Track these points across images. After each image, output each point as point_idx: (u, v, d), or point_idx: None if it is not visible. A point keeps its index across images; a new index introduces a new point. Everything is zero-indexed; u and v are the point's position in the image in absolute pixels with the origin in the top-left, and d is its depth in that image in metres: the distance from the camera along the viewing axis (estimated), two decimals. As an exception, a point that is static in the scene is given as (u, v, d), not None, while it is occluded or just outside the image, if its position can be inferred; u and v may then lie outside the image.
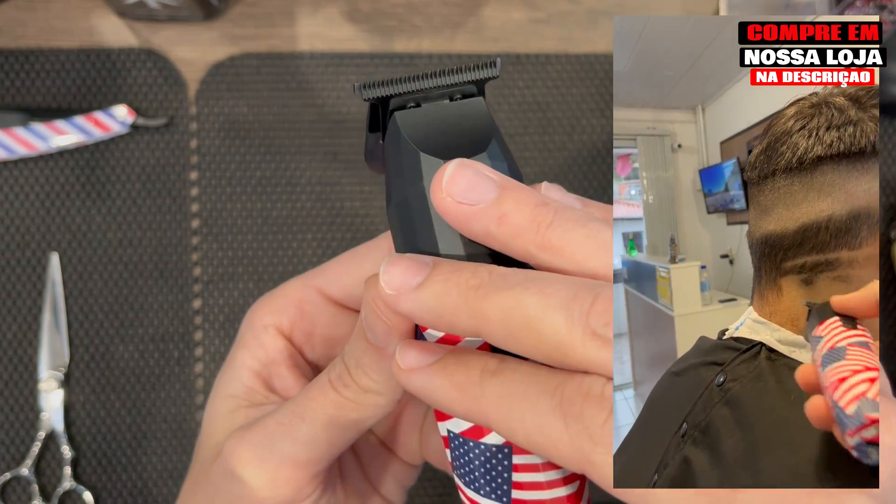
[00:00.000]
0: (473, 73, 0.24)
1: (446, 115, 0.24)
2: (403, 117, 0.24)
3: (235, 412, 0.30)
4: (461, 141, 0.24)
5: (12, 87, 0.52)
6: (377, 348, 0.25)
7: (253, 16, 0.53)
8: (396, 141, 0.24)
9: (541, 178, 0.53)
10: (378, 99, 0.24)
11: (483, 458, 0.24)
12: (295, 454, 0.27)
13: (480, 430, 0.24)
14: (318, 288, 0.31)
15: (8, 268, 0.51)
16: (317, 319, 0.31)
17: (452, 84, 0.24)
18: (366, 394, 0.26)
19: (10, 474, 0.50)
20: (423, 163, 0.23)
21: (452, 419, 0.24)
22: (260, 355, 0.31)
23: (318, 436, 0.27)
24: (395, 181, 0.24)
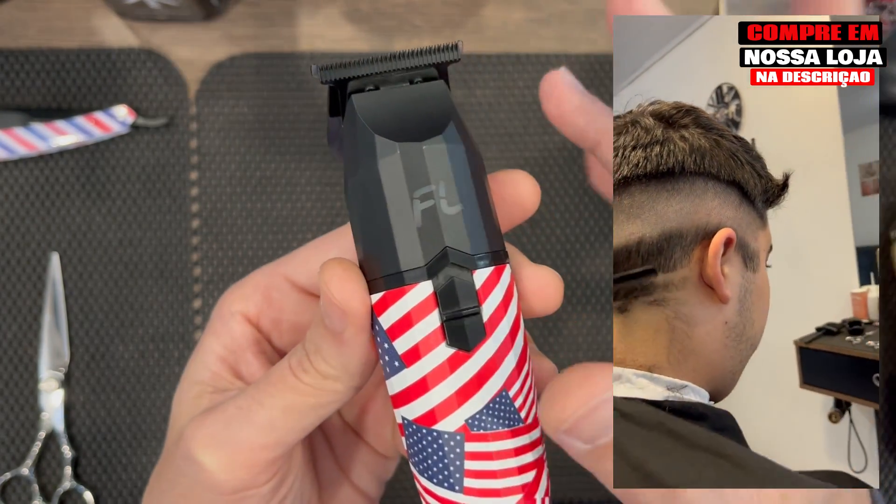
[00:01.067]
0: (433, 56, 0.24)
1: (405, 98, 0.24)
2: (360, 100, 0.24)
3: (200, 398, 0.30)
4: (418, 124, 0.23)
5: (12, 87, 0.52)
6: (334, 334, 0.25)
7: (253, 16, 0.53)
8: (353, 123, 0.24)
9: (541, 178, 0.53)
10: (336, 82, 0.24)
11: (436, 444, 0.24)
12: (252, 439, 0.27)
13: (433, 416, 0.24)
14: (286, 275, 0.31)
15: (8, 268, 0.51)
16: (284, 306, 0.31)
17: (412, 67, 0.24)
18: (324, 380, 0.26)
19: (11, 474, 0.50)
20: (378, 145, 0.23)
21: (407, 405, 0.24)
22: (227, 341, 0.31)
23: (276, 421, 0.27)
24: (351, 164, 0.24)
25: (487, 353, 0.24)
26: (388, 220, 0.23)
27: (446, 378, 0.23)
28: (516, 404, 0.24)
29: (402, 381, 0.24)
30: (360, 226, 0.24)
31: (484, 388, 0.24)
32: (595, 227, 0.53)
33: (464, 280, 0.23)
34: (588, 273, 0.53)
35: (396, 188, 0.23)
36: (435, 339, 0.23)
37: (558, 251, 0.53)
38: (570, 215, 0.53)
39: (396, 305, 0.23)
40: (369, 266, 0.24)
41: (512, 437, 0.24)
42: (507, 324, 0.24)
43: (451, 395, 0.24)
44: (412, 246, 0.23)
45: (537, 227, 0.53)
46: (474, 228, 0.23)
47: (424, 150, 0.23)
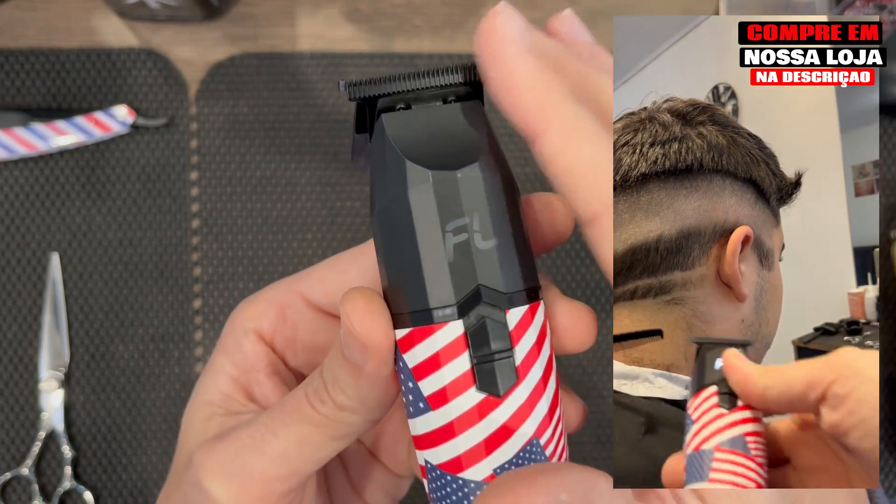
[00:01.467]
0: (469, 74, 0.22)
1: (438, 119, 0.22)
2: (391, 120, 0.22)
3: (210, 420, 0.29)
4: (452, 149, 0.22)
5: (12, 87, 0.52)
6: (354, 366, 0.23)
7: (253, 16, 0.53)
8: (382, 146, 0.22)
9: (541, 178, 0.53)
10: (365, 99, 0.22)
11: (461, 493, 0.23)
12: (265, 470, 0.25)
13: (459, 463, 0.22)
14: (301, 293, 0.30)
15: (8, 268, 0.51)
16: (299, 325, 0.30)
17: (446, 85, 0.22)
18: (341, 412, 0.25)
19: (11, 474, 0.50)
20: (409, 172, 0.21)
21: (431, 449, 0.23)
22: (239, 361, 0.30)
23: (290, 452, 0.25)
24: (379, 189, 0.22)
25: (519, 399, 0.22)
26: (418, 252, 0.21)
27: (475, 425, 0.22)
28: (547, 452, 0.23)
29: (427, 424, 0.23)
30: (386, 254, 0.22)
31: (514, 437, 0.22)
32: (594, 227, 0.53)
33: (496, 321, 0.22)
34: (588, 273, 0.53)
35: (428, 219, 0.21)
36: (464, 383, 0.22)
37: (558, 251, 0.53)
38: (570, 215, 0.53)
39: (424, 344, 0.22)
40: (395, 299, 0.22)
41: None
42: (540, 366, 0.23)
43: (479, 443, 0.22)
44: (443, 282, 0.21)
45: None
46: (509, 264, 0.22)
47: (459, 180, 0.22)
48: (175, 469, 0.30)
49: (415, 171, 0.21)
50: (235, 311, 0.31)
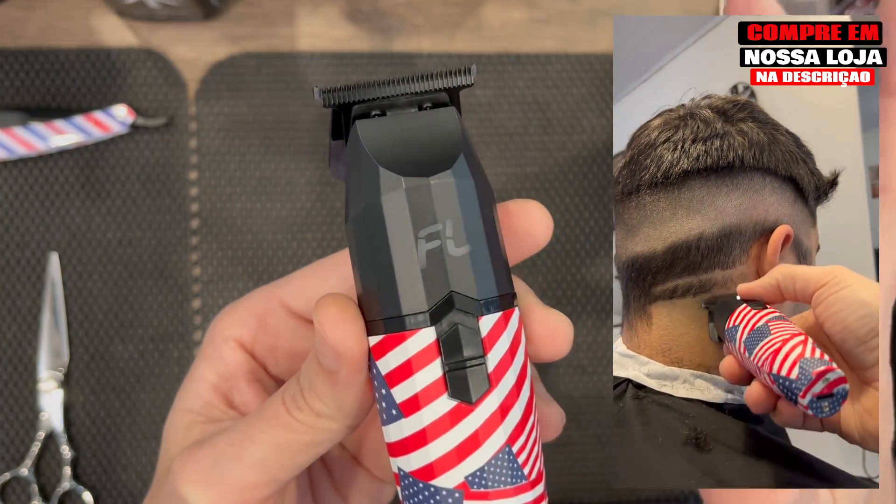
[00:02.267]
0: (444, 80, 0.22)
1: (412, 126, 0.22)
2: (365, 127, 0.22)
3: (191, 428, 0.29)
4: (425, 155, 0.22)
5: (12, 87, 0.52)
6: (329, 373, 0.23)
7: (253, 15, 0.53)
8: (356, 152, 0.22)
9: (541, 178, 0.53)
10: (340, 106, 0.22)
11: (433, 500, 0.23)
12: (243, 477, 0.25)
13: (431, 470, 0.22)
14: (281, 300, 0.30)
15: (8, 268, 0.51)
16: (280, 333, 0.30)
17: (421, 92, 0.22)
18: (319, 418, 0.24)
19: (10, 474, 0.50)
20: (382, 178, 0.21)
21: (403, 456, 0.23)
22: (220, 368, 0.30)
23: (268, 459, 0.25)
24: (353, 195, 0.22)
25: (491, 406, 0.22)
26: (391, 259, 0.21)
27: (446, 432, 0.22)
28: (520, 460, 0.23)
29: (400, 431, 0.23)
30: (360, 261, 0.22)
31: (486, 444, 0.22)
32: (595, 228, 0.53)
33: (469, 328, 0.22)
34: (588, 275, 0.53)
35: (400, 226, 0.21)
36: (436, 390, 0.22)
37: (558, 252, 0.53)
38: (570, 215, 0.53)
39: (396, 351, 0.22)
40: (368, 305, 0.22)
41: (514, 496, 0.23)
42: (513, 373, 0.23)
43: (451, 451, 0.22)
44: (415, 289, 0.21)
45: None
46: (482, 271, 0.22)
47: (432, 187, 0.21)
48: (157, 478, 0.30)
49: (388, 177, 0.21)
50: (216, 318, 0.30)
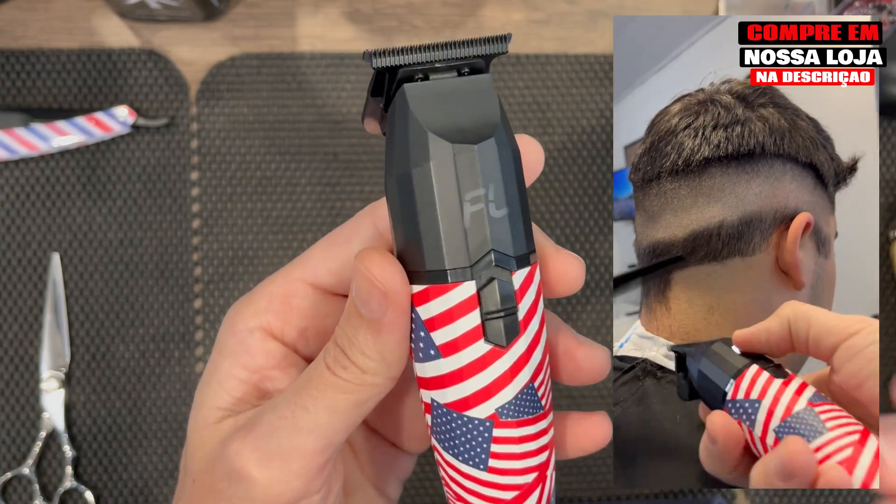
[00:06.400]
0: (484, 47, 0.24)
1: (454, 92, 0.24)
2: (412, 91, 0.24)
3: (223, 422, 0.29)
4: (469, 122, 0.24)
5: (13, 88, 0.52)
6: (372, 322, 0.24)
7: (253, 16, 0.53)
8: (404, 115, 0.24)
9: (541, 178, 0.53)
10: (387, 68, 0.24)
11: (465, 428, 0.25)
12: (301, 444, 0.26)
13: (466, 403, 0.25)
14: (304, 279, 0.30)
15: (9, 268, 0.51)
16: (308, 312, 0.30)
17: (463, 57, 0.24)
18: (363, 374, 0.25)
19: (12, 474, 0.50)
20: (431, 143, 0.23)
21: (439, 390, 0.25)
22: (247, 362, 0.29)
23: (323, 423, 0.26)
24: (399, 155, 0.24)
25: (520, 350, 0.25)
26: (437, 219, 0.23)
27: (482, 371, 0.24)
28: (539, 394, 0.26)
29: (437, 369, 0.25)
30: (404, 217, 0.24)
31: (515, 381, 0.25)
32: (595, 227, 0.53)
33: (505, 282, 0.24)
34: (588, 273, 0.53)
35: (448, 189, 0.23)
36: (474, 336, 0.24)
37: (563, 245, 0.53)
38: (570, 215, 0.53)
39: (439, 300, 0.24)
40: (410, 258, 0.24)
41: (533, 424, 0.26)
42: (536, 320, 0.25)
43: (485, 387, 0.25)
44: (459, 246, 0.23)
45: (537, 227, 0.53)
46: (517, 231, 0.24)
47: (478, 153, 0.23)
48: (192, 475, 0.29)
49: (437, 143, 0.23)
50: (231, 313, 0.30)
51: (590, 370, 0.28)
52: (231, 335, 0.30)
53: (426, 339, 0.25)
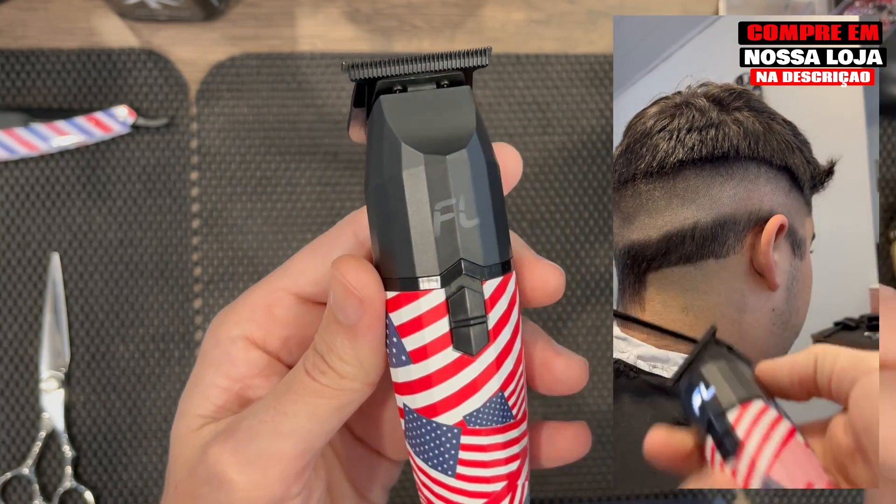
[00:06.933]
0: (462, 60, 0.24)
1: (431, 103, 0.24)
2: (389, 102, 0.24)
3: (203, 428, 0.29)
4: (443, 133, 0.24)
5: (13, 88, 0.52)
6: (348, 328, 0.25)
7: (253, 16, 0.53)
8: (380, 125, 0.24)
9: (540, 178, 0.53)
10: (365, 80, 0.24)
11: (434, 434, 0.26)
12: (281, 449, 0.26)
13: (434, 409, 0.25)
14: (287, 289, 0.30)
15: (9, 268, 0.51)
16: (290, 322, 0.30)
17: (441, 70, 0.24)
18: (342, 379, 0.26)
19: (11, 474, 0.50)
20: (404, 154, 0.23)
21: (410, 396, 0.26)
22: (229, 371, 0.30)
23: (301, 427, 0.26)
24: (375, 166, 0.24)
25: (489, 358, 0.25)
26: (408, 227, 0.24)
27: (450, 378, 0.25)
28: (509, 403, 0.26)
29: (408, 375, 0.25)
30: (378, 226, 0.25)
31: (483, 390, 0.25)
32: (595, 227, 0.53)
33: (474, 291, 0.24)
34: (588, 273, 0.53)
35: (418, 198, 0.24)
36: (442, 343, 0.24)
37: (558, 251, 0.53)
38: (570, 215, 0.53)
39: (409, 307, 0.24)
40: (385, 265, 0.25)
41: (502, 433, 0.26)
42: (508, 330, 0.25)
43: (452, 394, 0.25)
44: (429, 254, 0.24)
45: (537, 227, 0.53)
46: (488, 241, 0.24)
47: (448, 164, 0.24)
48: (174, 483, 0.29)
49: (409, 153, 0.23)
50: (214, 322, 0.30)
51: (566, 381, 0.28)
52: (214, 345, 0.30)
53: (398, 345, 0.25)
